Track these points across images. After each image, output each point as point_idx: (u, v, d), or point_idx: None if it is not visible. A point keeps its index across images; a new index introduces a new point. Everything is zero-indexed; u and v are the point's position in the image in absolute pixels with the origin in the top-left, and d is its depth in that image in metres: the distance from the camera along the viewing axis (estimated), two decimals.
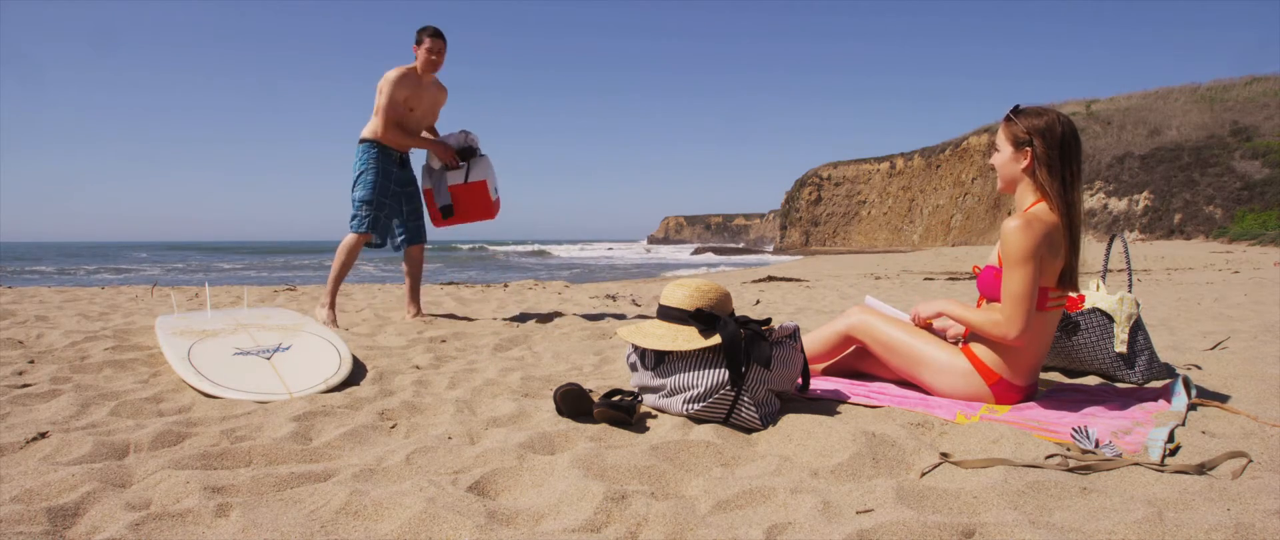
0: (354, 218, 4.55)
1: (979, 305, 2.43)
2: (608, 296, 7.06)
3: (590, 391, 2.30)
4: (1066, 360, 2.59)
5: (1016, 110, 2.28)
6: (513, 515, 1.55)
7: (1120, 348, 2.47)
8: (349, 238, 4.57)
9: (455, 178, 4.72)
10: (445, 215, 4.78)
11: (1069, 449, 1.88)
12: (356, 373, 2.94)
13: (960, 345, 2.44)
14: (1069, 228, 2.22)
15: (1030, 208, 2.25)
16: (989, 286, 2.32)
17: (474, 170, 4.71)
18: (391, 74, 4.49)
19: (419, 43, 4.53)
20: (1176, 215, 34.86)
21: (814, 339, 2.67)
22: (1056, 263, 2.22)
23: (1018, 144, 2.26)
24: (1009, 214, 2.47)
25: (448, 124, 5.46)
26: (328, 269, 4.75)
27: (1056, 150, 2.21)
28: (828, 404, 2.33)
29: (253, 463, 1.90)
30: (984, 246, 35.19)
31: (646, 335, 2.26)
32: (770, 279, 10.95)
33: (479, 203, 4.75)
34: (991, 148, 2.36)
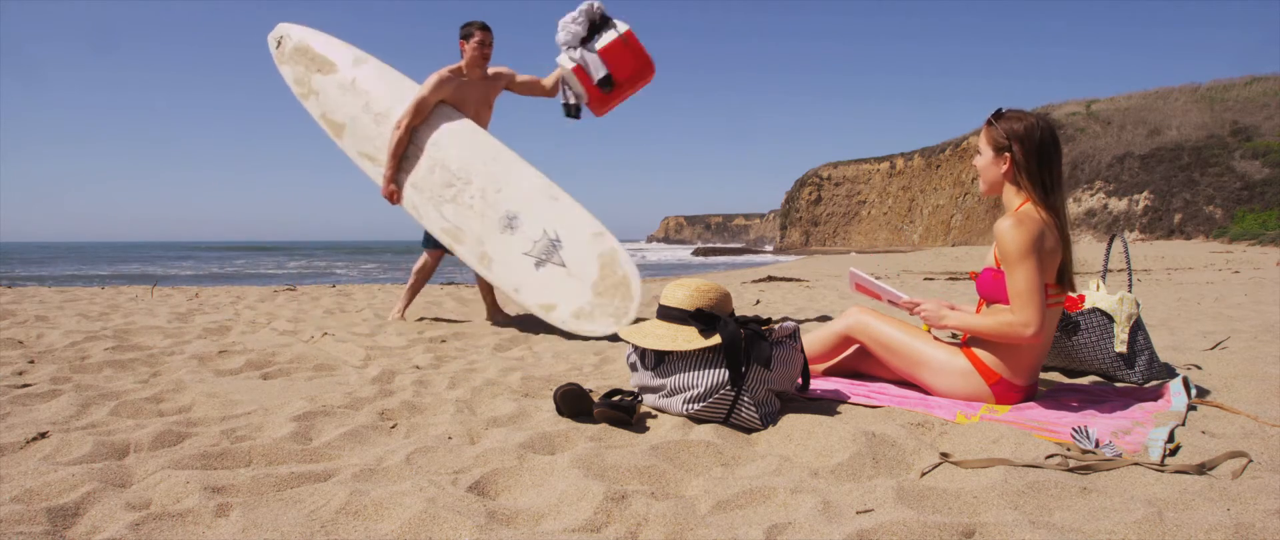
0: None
1: (979, 309, 2.43)
2: None
3: (590, 391, 2.30)
4: (1066, 360, 2.59)
5: (998, 114, 2.30)
6: (513, 515, 1.55)
7: (1120, 348, 2.47)
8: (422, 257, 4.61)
9: (605, 39, 4.09)
10: (606, 87, 4.17)
11: (1069, 449, 1.88)
12: None
13: (960, 346, 2.45)
14: (1058, 227, 2.24)
15: (1019, 208, 2.27)
16: (989, 288, 2.32)
17: (618, 26, 4.13)
18: (434, 77, 4.36)
19: (467, 38, 4.36)
20: (1176, 215, 34.85)
21: (814, 339, 2.67)
22: (1055, 259, 2.24)
23: (998, 149, 2.28)
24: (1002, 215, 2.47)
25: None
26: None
27: (1034, 156, 2.23)
28: (828, 404, 2.33)
29: (253, 463, 1.90)
30: (983, 246, 35.15)
31: (646, 335, 2.26)
32: (770, 279, 10.94)
33: (635, 57, 4.10)
34: (975, 151, 2.36)
